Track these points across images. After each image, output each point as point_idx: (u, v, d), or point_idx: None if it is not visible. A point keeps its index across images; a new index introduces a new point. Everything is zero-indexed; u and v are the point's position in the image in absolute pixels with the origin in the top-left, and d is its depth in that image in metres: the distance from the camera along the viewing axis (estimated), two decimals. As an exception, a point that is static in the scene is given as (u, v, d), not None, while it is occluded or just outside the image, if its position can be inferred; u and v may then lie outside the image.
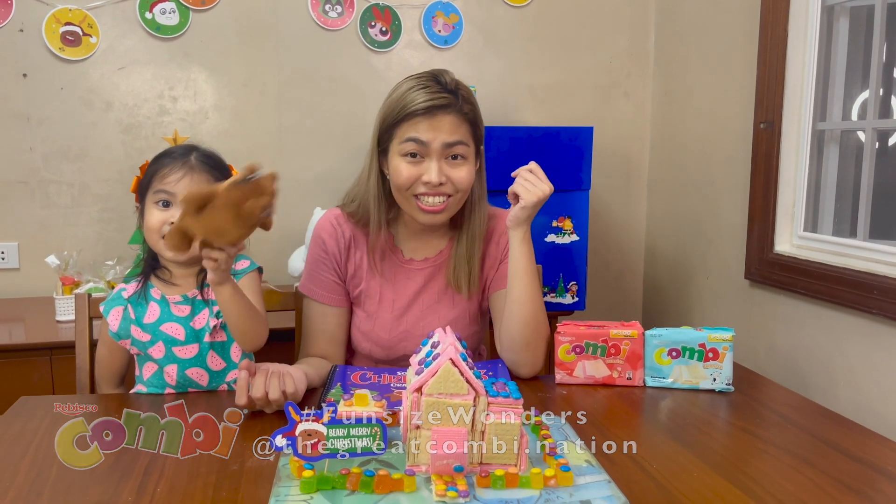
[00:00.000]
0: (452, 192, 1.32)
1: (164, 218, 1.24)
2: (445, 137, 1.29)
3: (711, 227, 2.25)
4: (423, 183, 1.30)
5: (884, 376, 1.58)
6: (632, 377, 1.31)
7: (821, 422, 1.16)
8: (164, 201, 1.24)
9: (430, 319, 1.41)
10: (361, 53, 2.41)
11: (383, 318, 1.41)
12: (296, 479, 0.90)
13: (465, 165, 1.32)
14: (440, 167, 1.30)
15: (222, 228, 1.07)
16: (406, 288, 1.42)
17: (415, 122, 1.29)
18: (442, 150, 1.30)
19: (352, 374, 1.33)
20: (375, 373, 1.34)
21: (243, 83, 2.36)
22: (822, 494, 0.91)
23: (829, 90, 1.87)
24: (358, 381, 1.30)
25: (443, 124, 1.29)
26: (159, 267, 1.31)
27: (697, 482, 0.93)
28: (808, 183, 1.88)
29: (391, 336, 1.41)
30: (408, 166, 1.30)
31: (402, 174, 1.31)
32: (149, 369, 1.29)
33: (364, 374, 1.33)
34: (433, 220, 1.34)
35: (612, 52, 2.58)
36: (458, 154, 1.31)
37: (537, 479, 0.90)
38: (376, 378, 1.31)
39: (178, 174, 1.24)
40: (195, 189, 1.08)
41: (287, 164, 2.41)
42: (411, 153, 1.30)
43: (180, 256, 1.14)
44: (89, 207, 2.31)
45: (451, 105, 1.30)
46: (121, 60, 2.26)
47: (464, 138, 1.31)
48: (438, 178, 1.29)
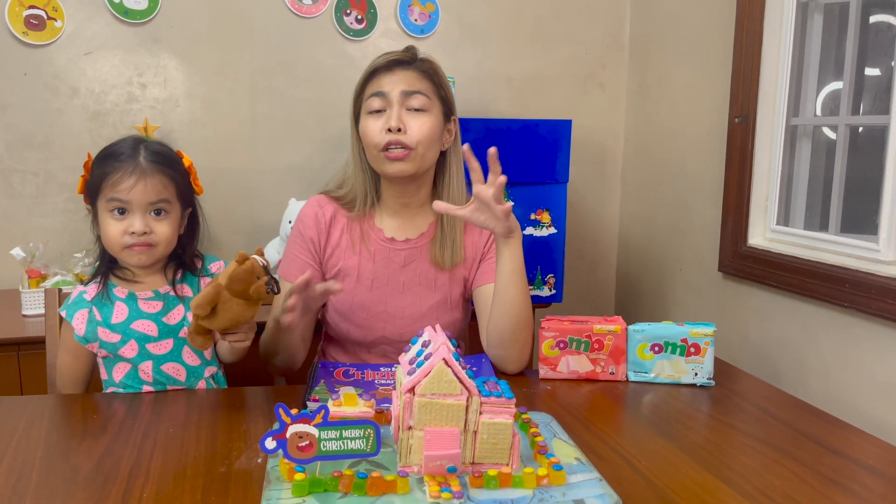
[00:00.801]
0: (414, 144, 1.34)
1: (122, 228, 1.20)
2: (403, 86, 1.35)
3: (685, 219, 2.28)
4: (385, 132, 1.33)
5: (855, 368, 1.62)
6: (615, 372, 1.32)
7: (800, 415, 1.18)
8: (120, 209, 1.20)
9: (410, 301, 1.41)
10: (336, 42, 2.37)
11: (361, 296, 1.40)
12: (286, 481, 0.89)
13: (425, 117, 1.35)
14: (399, 114, 1.34)
15: (237, 317, 1.13)
16: (386, 267, 1.42)
17: (377, 78, 1.37)
18: (401, 99, 1.34)
19: (335, 370, 1.31)
20: (358, 369, 1.32)
21: (215, 70, 2.30)
22: (806, 488, 0.93)
23: (802, 86, 1.90)
24: (341, 377, 1.28)
25: (402, 76, 1.36)
26: (118, 266, 1.27)
27: (686, 478, 0.95)
28: (781, 177, 1.91)
29: (369, 315, 1.40)
30: (373, 121, 1.35)
31: (368, 129, 1.35)
32: (120, 370, 1.25)
33: (347, 370, 1.32)
34: (397, 170, 1.35)
35: (587, 43, 2.58)
36: (418, 107, 1.35)
37: (530, 479, 0.90)
38: (360, 375, 1.30)
39: (129, 181, 1.19)
40: (201, 296, 1.11)
41: (260, 154, 2.37)
42: (377, 109, 1.35)
43: (208, 345, 1.18)
44: (55, 197, 2.24)
45: (411, 61, 1.38)
46: (87, 45, 2.19)
47: (424, 90, 1.36)
48: (397, 122, 1.32)
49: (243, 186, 2.36)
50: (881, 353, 1.55)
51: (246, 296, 1.11)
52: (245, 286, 1.10)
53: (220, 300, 1.11)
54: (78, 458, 0.96)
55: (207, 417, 1.12)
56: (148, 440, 1.02)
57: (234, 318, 1.12)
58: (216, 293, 1.10)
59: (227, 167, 2.33)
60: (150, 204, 1.21)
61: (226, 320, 1.12)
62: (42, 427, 1.07)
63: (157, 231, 1.21)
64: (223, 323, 1.13)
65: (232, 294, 1.11)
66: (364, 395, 1.01)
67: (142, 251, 1.21)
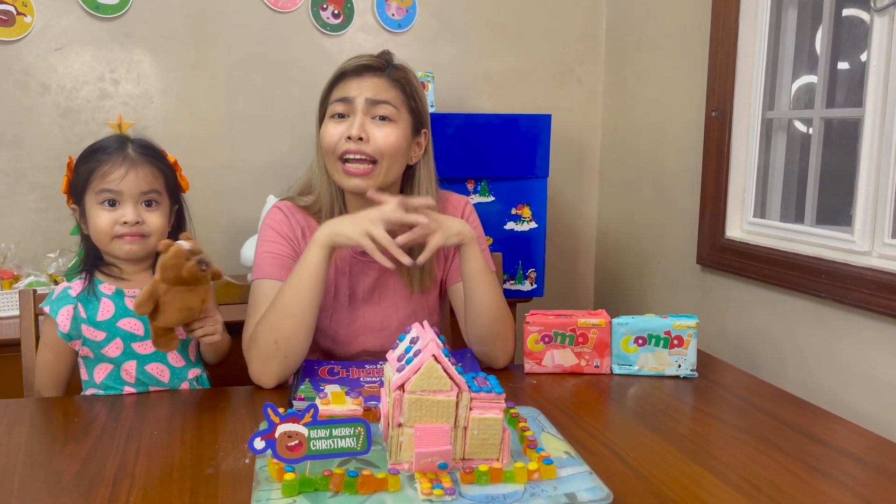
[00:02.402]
0: (377, 155, 1.27)
1: (114, 218, 1.18)
2: (370, 94, 1.28)
3: (663, 213, 2.30)
4: (345, 139, 1.27)
5: (832, 357, 1.65)
6: (599, 365, 1.33)
7: (781, 405, 1.20)
8: (111, 200, 1.18)
9: (389, 312, 1.39)
10: (313, 37, 2.35)
11: (339, 312, 1.38)
12: (276, 481, 0.88)
13: (391, 128, 1.29)
14: (363, 123, 1.27)
15: (185, 306, 1.12)
16: (361, 281, 1.39)
17: (344, 82, 1.31)
18: (367, 108, 1.28)
19: (319, 368, 1.30)
20: (343, 366, 1.32)
21: (190, 66, 2.27)
22: (791, 477, 0.94)
23: (777, 79, 1.93)
24: (326, 375, 1.27)
25: (371, 83, 1.29)
26: (104, 263, 1.25)
27: (674, 470, 0.95)
28: (758, 170, 1.94)
29: (349, 331, 1.38)
30: (334, 126, 1.29)
31: (327, 133, 1.29)
32: (102, 371, 1.23)
33: (332, 368, 1.31)
34: (357, 185, 1.28)
35: (565, 38, 2.59)
36: (384, 115, 1.29)
37: (521, 474, 0.90)
38: (345, 373, 1.29)
39: (120, 171, 1.18)
40: (140, 296, 1.11)
41: (238, 151, 2.34)
42: (339, 114, 1.30)
43: (174, 345, 1.17)
44: (26, 196, 2.19)
45: (381, 68, 1.32)
46: (58, 41, 2.15)
47: (392, 100, 1.29)
48: (358, 130, 1.26)
49: (221, 184, 2.33)
50: (858, 342, 1.58)
51: (182, 281, 1.10)
52: (177, 271, 1.09)
53: (160, 294, 1.10)
54: (60, 463, 0.95)
55: (191, 419, 1.11)
56: (132, 443, 1.01)
57: (183, 308, 1.11)
58: (153, 288, 1.10)
59: (204, 165, 2.30)
60: (142, 194, 1.19)
61: (175, 313, 1.11)
62: (22, 432, 1.05)
63: (149, 222, 1.20)
64: (174, 316, 1.12)
65: (169, 284, 1.10)
66: (351, 392, 1.01)
67: (133, 241, 1.19)
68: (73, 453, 0.97)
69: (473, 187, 2.09)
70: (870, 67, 1.56)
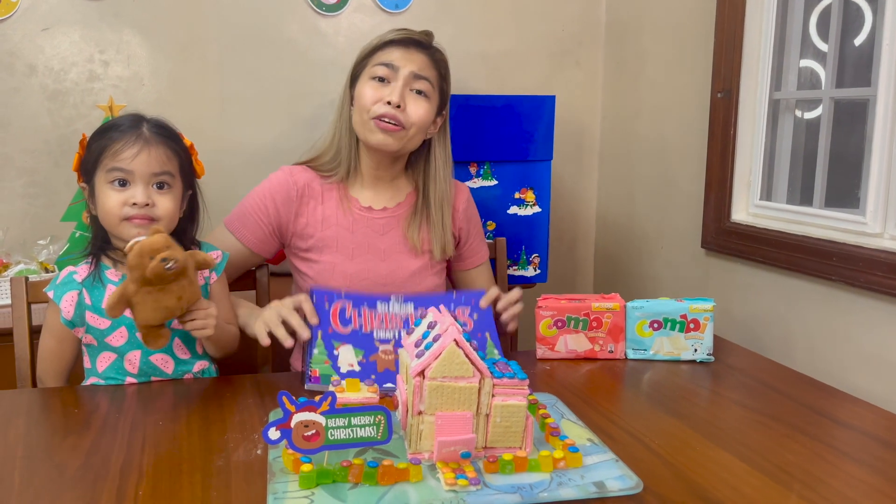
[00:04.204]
0: (407, 124, 1.34)
1: (123, 199, 1.13)
2: (415, 68, 1.35)
3: (666, 196, 2.26)
4: (384, 104, 1.32)
5: (842, 341, 1.62)
6: (613, 350, 1.30)
7: (803, 388, 1.18)
8: (121, 180, 1.13)
9: (393, 268, 1.40)
10: (308, 17, 2.29)
11: (343, 266, 1.38)
12: (291, 473, 0.85)
13: (425, 103, 1.36)
14: (403, 92, 1.33)
15: (160, 305, 1.06)
16: (365, 236, 1.40)
17: (389, 49, 1.36)
18: (409, 79, 1.34)
19: (331, 308, 1.25)
20: (354, 304, 1.27)
21: (181, 47, 2.20)
22: (822, 462, 0.91)
23: (784, 59, 1.89)
24: (338, 324, 1.23)
25: (416, 57, 1.36)
26: (111, 248, 1.19)
27: (701, 456, 0.93)
28: (765, 152, 1.91)
29: (352, 285, 1.37)
30: (374, 87, 1.34)
31: (367, 94, 1.34)
32: (104, 360, 1.18)
33: (343, 308, 1.26)
34: (384, 141, 1.34)
35: (564, 19, 2.54)
36: (421, 90, 1.35)
37: (546, 462, 0.87)
38: (357, 321, 1.25)
39: (133, 149, 1.13)
40: (109, 298, 1.06)
41: (230, 135, 2.28)
42: (380, 77, 1.35)
43: (164, 342, 1.11)
44: (13, 182, 2.12)
45: (427, 46, 1.39)
46: (45, 20, 2.07)
47: (431, 78, 1.37)
48: (399, 98, 1.32)
49: (214, 168, 2.22)
50: (869, 325, 1.55)
51: (148, 282, 1.04)
52: (140, 271, 1.03)
53: (130, 295, 1.05)
54: (62, 456, 0.90)
55: (197, 409, 1.07)
56: (137, 434, 0.96)
57: (156, 307, 1.05)
58: (122, 290, 1.05)
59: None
60: (154, 175, 1.15)
61: (150, 311, 1.05)
62: (19, 424, 1.00)
63: (159, 204, 1.15)
64: (152, 315, 1.06)
65: (138, 284, 1.04)
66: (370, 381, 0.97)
67: (141, 223, 1.13)
68: (76, 446, 0.93)
69: (476, 170, 2.04)
70: (882, 46, 1.53)
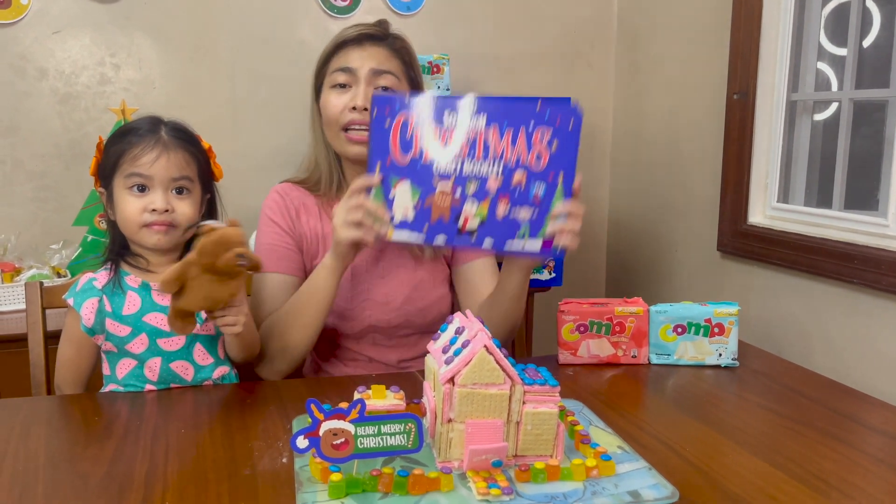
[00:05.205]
0: None
1: (142, 205, 1.11)
2: (373, 64, 1.27)
3: (681, 199, 2.25)
4: (349, 110, 1.26)
5: (863, 344, 1.60)
6: (637, 355, 1.28)
7: (833, 394, 1.16)
8: (140, 185, 1.12)
9: (394, 286, 1.35)
10: (320, 19, 2.28)
11: (343, 287, 1.33)
12: (319, 482, 0.83)
13: None
14: (366, 93, 1.26)
15: (210, 295, 1.03)
16: (362, 255, 1.34)
17: (345, 51, 1.29)
18: (370, 77, 1.27)
19: (392, 123, 1.11)
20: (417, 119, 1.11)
21: (193, 50, 2.19)
22: (859, 469, 0.89)
23: (801, 60, 1.88)
24: (398, 153, 1.12)
25: (372, 52, 1.28)
26: (130, 254, 1.18)
27: (735, 464, 0.91)
28: (782, 154, 1.89)
29: (354, 306, 1.34)
30: (336, 96, 1.28)
31: (330, 104, 1.28)
32: (124, 367, 1.16)
33: (406, 119, 1.11)
34: (360, 153, 1.25)
35: (575, 21, 2.53)
36: (387, 86, 1.28)
37: (579, 471, 0.85)
38: (417, 147, 1.12)
39: (151, 154, 1.12)
40: (168, 273, 1.02)
41: (243, 138, 2.27)
42: (340, 84, 1.28)
43: (190, 329, 1.07)
44: (23, 186, 2.11)
45: (382, 38, 1.30)
46: (55, 24, 2.06)
47: (394, 70, 1.29)
48: (363, 101, 1.24)
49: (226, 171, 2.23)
50: (891, 327, 1.54)
51: (215, 270, 1.02)
52: (213, 259, 1.01)
53: (189, 276, 1.02)
54: (85, 465, 0.88)
55: (219, 416, 1.05)
56: (159, 442, 0.95)
57: (207, 296, 1.03)
58: (185, 268, 1.02)
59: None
60: (173, 180, 1.13)
61: (198, 299, 1.03)
62: (40, 432, 0.99)
63: (178, 210, 1.13)
64: (196, 302, 1.03)
65: (202, 269, 1.02)
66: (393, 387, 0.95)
67: (161, 230, 1.12)
68: (98, 455, 0.91)
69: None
70: (904, 46, 1.52)
